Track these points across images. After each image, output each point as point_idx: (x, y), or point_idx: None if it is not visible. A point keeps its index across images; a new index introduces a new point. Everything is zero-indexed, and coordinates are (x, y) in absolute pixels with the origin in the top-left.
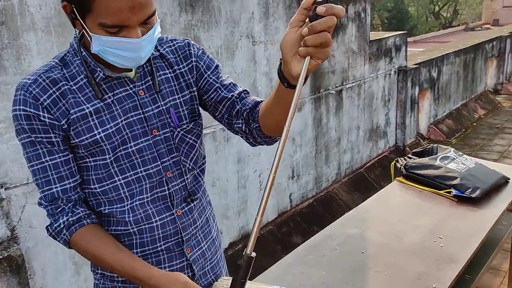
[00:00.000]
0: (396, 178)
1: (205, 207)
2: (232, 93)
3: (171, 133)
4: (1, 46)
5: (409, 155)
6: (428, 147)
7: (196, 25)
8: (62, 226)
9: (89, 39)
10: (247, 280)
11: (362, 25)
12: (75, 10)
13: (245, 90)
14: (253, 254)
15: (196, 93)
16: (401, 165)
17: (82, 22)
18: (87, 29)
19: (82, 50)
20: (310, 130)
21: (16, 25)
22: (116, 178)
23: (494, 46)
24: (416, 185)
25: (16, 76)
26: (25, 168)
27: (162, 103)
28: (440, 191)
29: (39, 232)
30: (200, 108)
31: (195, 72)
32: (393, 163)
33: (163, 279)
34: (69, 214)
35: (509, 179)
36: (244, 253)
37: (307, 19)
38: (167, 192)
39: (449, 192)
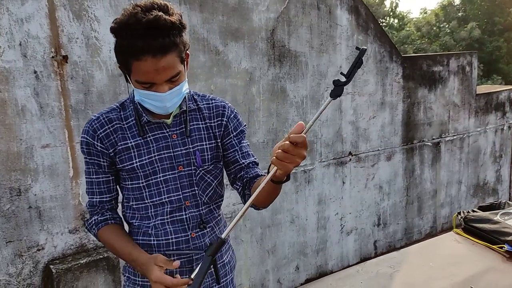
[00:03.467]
0: (454, 229)
1: (224, 253)
2: (244, 161)
3: (194, 171)
4: (118, 92)
5: (474, 209)
6: (495, 202)
7: (283, 77)
8: (93, 223)
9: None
10: (214, 257)
11: (466, 78)
12: (124, 71)
13: (254, 162)
14: (226, 240)
15: (220, 144)
16: (461, 217)
17: (129, 79)
18: (131, 84)
19: (135, 99)
20: (401, 180)
21: None
22: (146, 201)
23: None
24: (471, 238)
25: None
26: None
27: (191, 146)
28: (493, 246)
29: None
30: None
31: (223, 129)
32: (455, 214)
33: (145, 259)
34: (99, 215)
35: None
36: (219, 236)
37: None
38: (184, 217)
39: (502, 247)
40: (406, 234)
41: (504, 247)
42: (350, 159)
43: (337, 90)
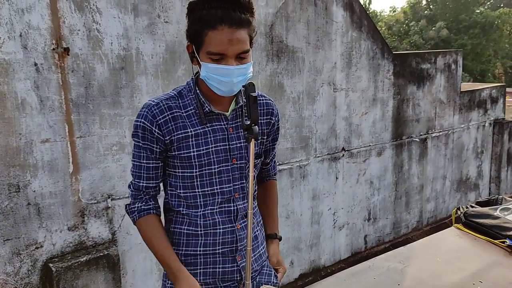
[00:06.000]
0: (454, 225)
1: (255, 226)
2: (268, 160)
3: (245, 164)
4: (120, 86)
5: (472, 204)
6: (493, 197)
7: (280, 73)
8: (135, 209)
9: (199, 70)
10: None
11: (452, 76)
12: (194, 47)
13: (272, 159)
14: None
15: (264, 140)
16: (461, 212)
17: (197, 56)
18: (199, 60)
19: (196, 88)
20: (390, 175)
21: (132, 70)
22: (197, 190)
23: None
24: (472, 233)
25: (128, 110)
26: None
27: (243, 140)
28: (495, 241)
29: (134, 239)
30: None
31: (270, 127)
32: (454, 210)
33: (185, 278)
34: (143, 203)
35: None
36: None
37: None
38: (232, 208)
39: (504, 242)
40: (394, 228)
41: (506, 242)
42: (343, 155)
43: (250, 133)
